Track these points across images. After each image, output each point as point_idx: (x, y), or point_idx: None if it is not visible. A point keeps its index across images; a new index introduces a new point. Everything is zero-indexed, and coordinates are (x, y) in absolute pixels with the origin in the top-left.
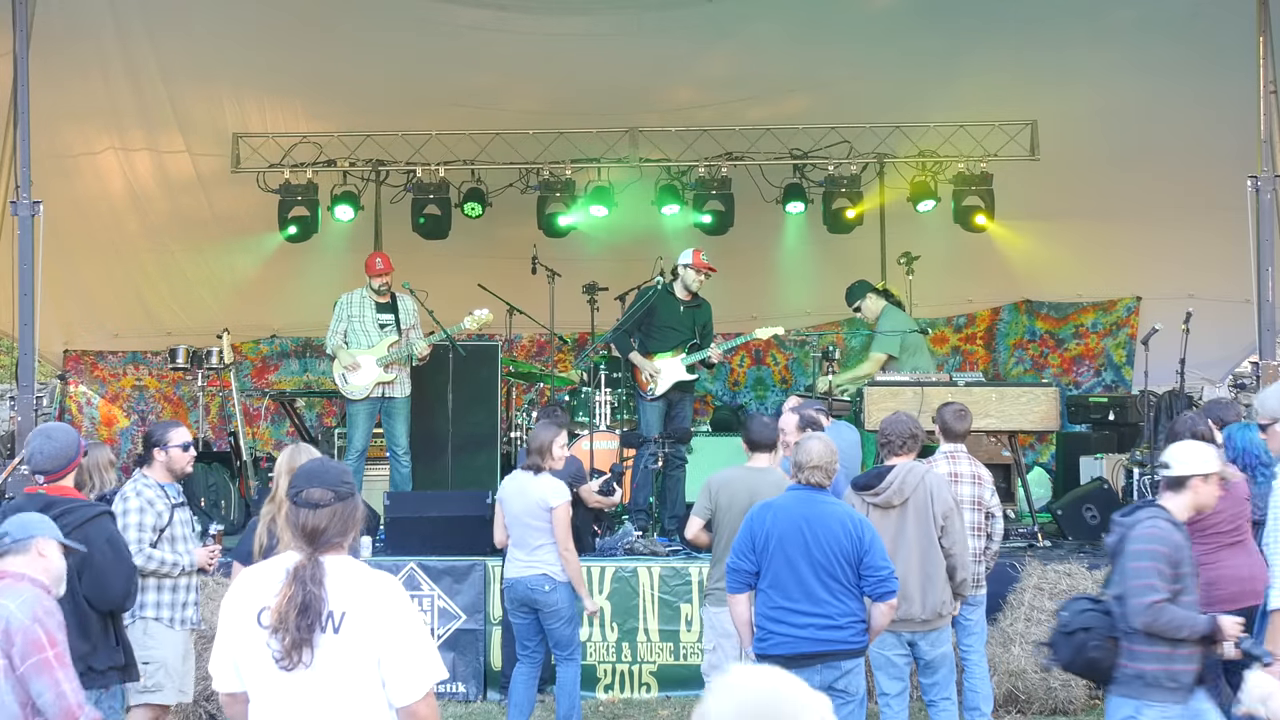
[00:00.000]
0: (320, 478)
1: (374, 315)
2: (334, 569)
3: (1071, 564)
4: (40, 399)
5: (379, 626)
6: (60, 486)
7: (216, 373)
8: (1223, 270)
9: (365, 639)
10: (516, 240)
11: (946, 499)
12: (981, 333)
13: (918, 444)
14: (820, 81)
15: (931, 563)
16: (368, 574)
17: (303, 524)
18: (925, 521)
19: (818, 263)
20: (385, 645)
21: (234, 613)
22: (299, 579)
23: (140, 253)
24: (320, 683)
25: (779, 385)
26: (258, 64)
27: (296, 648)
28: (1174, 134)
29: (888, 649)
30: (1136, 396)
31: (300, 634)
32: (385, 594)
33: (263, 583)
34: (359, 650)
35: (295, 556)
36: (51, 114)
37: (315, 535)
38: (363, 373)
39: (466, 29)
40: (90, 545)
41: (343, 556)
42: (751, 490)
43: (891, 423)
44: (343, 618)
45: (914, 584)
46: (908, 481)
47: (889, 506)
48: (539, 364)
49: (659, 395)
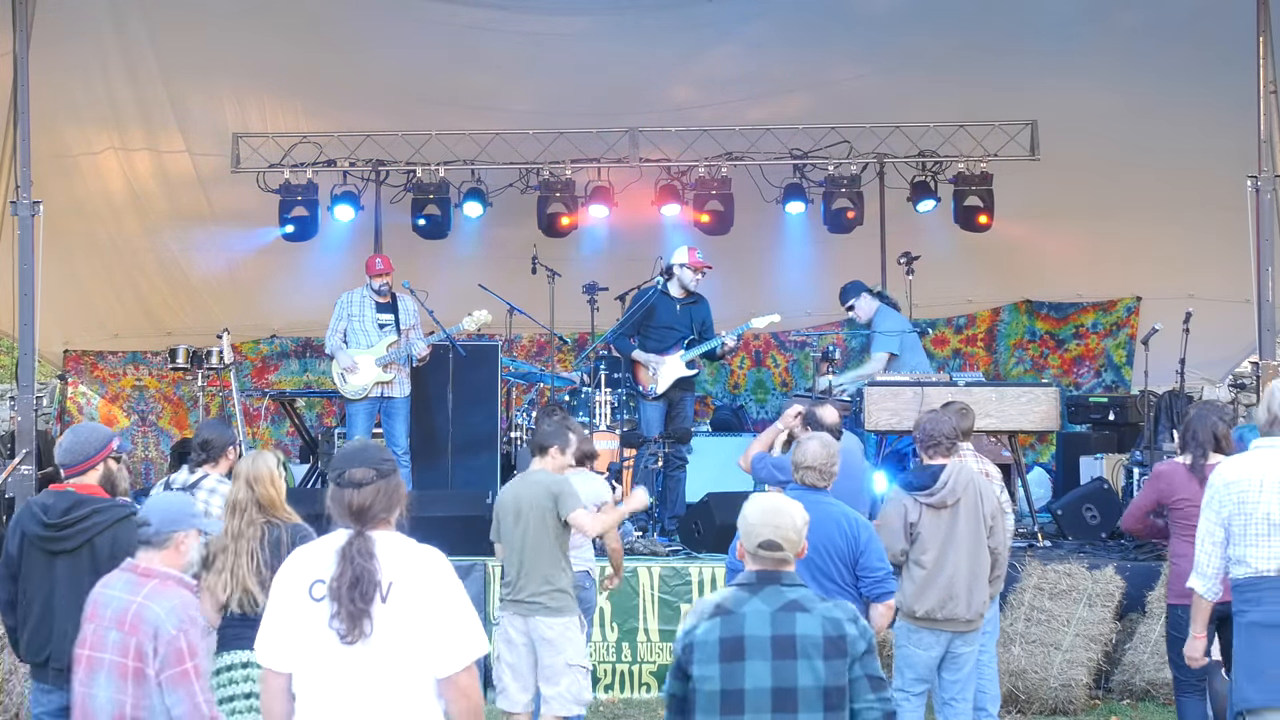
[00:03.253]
0: (361, 458)
1: (374, 315)
2: (383, 542)
3: (1071, 564)
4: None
5: (424, 597)
6: (86, 484)
7: (216, 373)
8: (1223, 270)
9: (411, 609)
10: (516, 240)
11: (994, 500)
12: (982, 334)
13: (959, 443)
14: (820, 81)
15: (980, 564)
16: (414, 547)
17: (348, 503)
18: (976, 522)
19: (818, 263)
20: (430, 615)
21: (285, 589)
22: (348, 555)
23: (140, 253)
24: (375, 652)
25: (779, 388)
26: (258, 64)
27: (356, 621)
28: (1174, 134)
29: (927, 648)
30: (1136, 396)
31: (358, 606)
32: (431, 566)
33: (314, 559)
34: (405, 620)
35: (344, 534)
36: (51, 114)
37: (362, 513)
38: (362, 373)
39: (466, 29)
40: (119, 546)
41: (390, 531)
42: (515, 496)
43: (934, 422)
44: (390, 587)
45: (962, 584)
46: (959, 481)
47: (942, 506)
48: (539, 364)
49: (660, 394)
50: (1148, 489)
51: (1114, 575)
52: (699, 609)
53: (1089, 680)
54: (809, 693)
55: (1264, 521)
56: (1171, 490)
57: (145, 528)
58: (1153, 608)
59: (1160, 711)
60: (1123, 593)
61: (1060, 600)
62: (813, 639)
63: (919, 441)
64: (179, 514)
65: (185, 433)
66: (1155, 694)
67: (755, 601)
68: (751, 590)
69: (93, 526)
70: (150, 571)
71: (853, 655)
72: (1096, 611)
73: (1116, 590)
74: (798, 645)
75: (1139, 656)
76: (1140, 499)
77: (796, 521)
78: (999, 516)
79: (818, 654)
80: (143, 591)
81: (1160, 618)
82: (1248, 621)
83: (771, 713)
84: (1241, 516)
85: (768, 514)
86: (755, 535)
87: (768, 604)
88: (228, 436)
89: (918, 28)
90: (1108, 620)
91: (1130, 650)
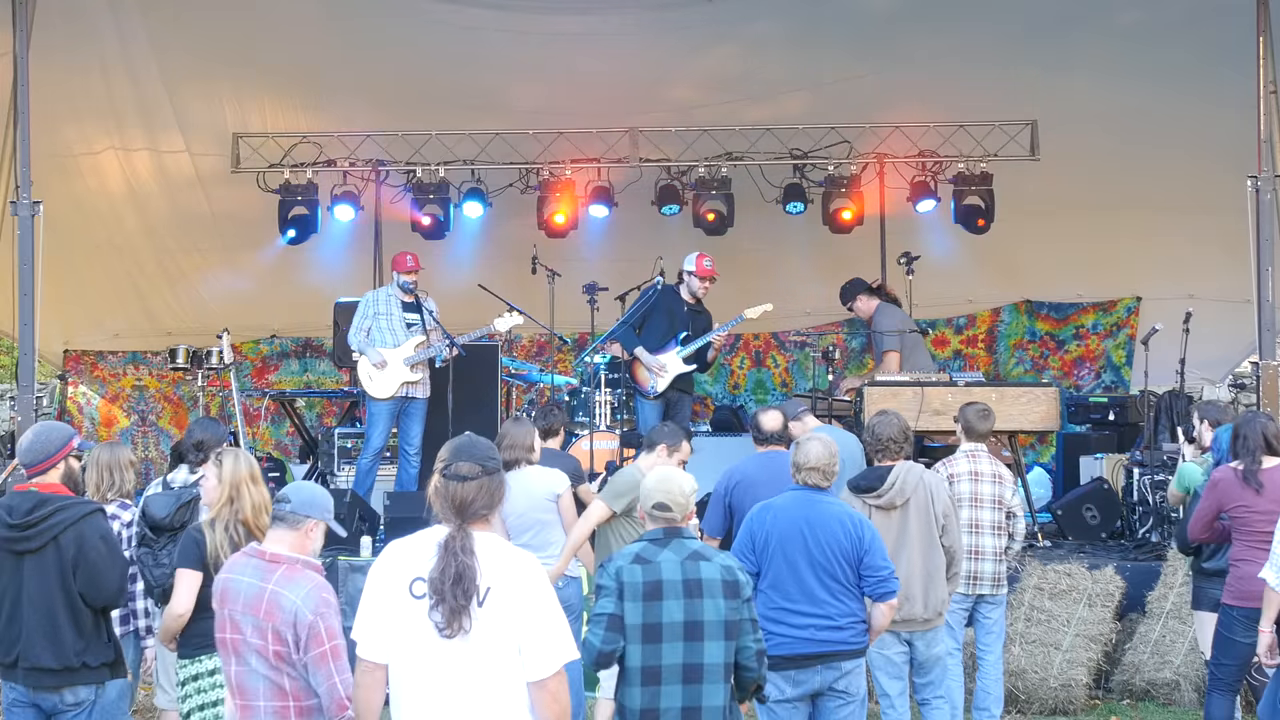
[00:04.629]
0: (469, 452)
1: (400, 314)
2: (481, 543)
3: (1071, 564)
4: (40, 399)
5: (520, 603)
6: (49, 484)
7: (216, 373)
8: (1223, 270)
9: (507, 615)
10: (516, 240)
11: (945, 499)
12: (983, 334)
13: (911, 444)
14: (820, 81)
15: (933, 562)
16: (511, 551)
17: (452, 496)
18: (927, 521)
19: (818, 263)
20: (524, 621)
21: (384, 582)
22: (451, 550)
23: (140, 252)
24: (472, 650)
25: (779, 388)
26: (258, 64)
27: (456, 615)
28: (1174, 134)
29: (887, 648)
30: (1136, 397)
31: (459, 601)
32: (526, 572)
33: (413, 554)
34: (500, 625)
35: (444, 530)
36: (51, 114)
37: (464, 508)
38: (390, 372)
39: (466, 29)
40: (84, 543)
41: (489, 532)
42: None
43: (883, 424)
44: (487, 593)
45: (917, 584)
46: (908, 482)
47: (891, 508)
48: (539, 364)
49: (659, 393)
50: (1207, 497)
51: (1114, 575)
52: (621, 557)
53: (1089, 680)
54: (713, 625)
55: None
56: (1229, 497)
57: (284, 504)
58: (1152, 608)
59: (1160, 711)
60: (1123, 593)
61: (1060, 600)
62: (715, 582)
63: (867, 444)
64: (317, 502)
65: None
66: (1155, 694)
67: (666, 552)
68: (661, 544)
69: (57, 525)
70: (278, 557)
71: (743, 597)
72: (1096, 611)
73: (1116, 590)
74: (704, 587)
75: (1139, 656)
76: (1202, 508)
77: (685, 489)
78: (951, 516)
79: (719, 594)
80: (273, 578)
81: (1160, 618)
82: None
83: (684, 641)
84: None
85: (661, 482)
86: (650, 499)
87: (676, 554)
88: (220, 434)
89: (918, 28)
90: (1108, 620)
91: (1130, 650)
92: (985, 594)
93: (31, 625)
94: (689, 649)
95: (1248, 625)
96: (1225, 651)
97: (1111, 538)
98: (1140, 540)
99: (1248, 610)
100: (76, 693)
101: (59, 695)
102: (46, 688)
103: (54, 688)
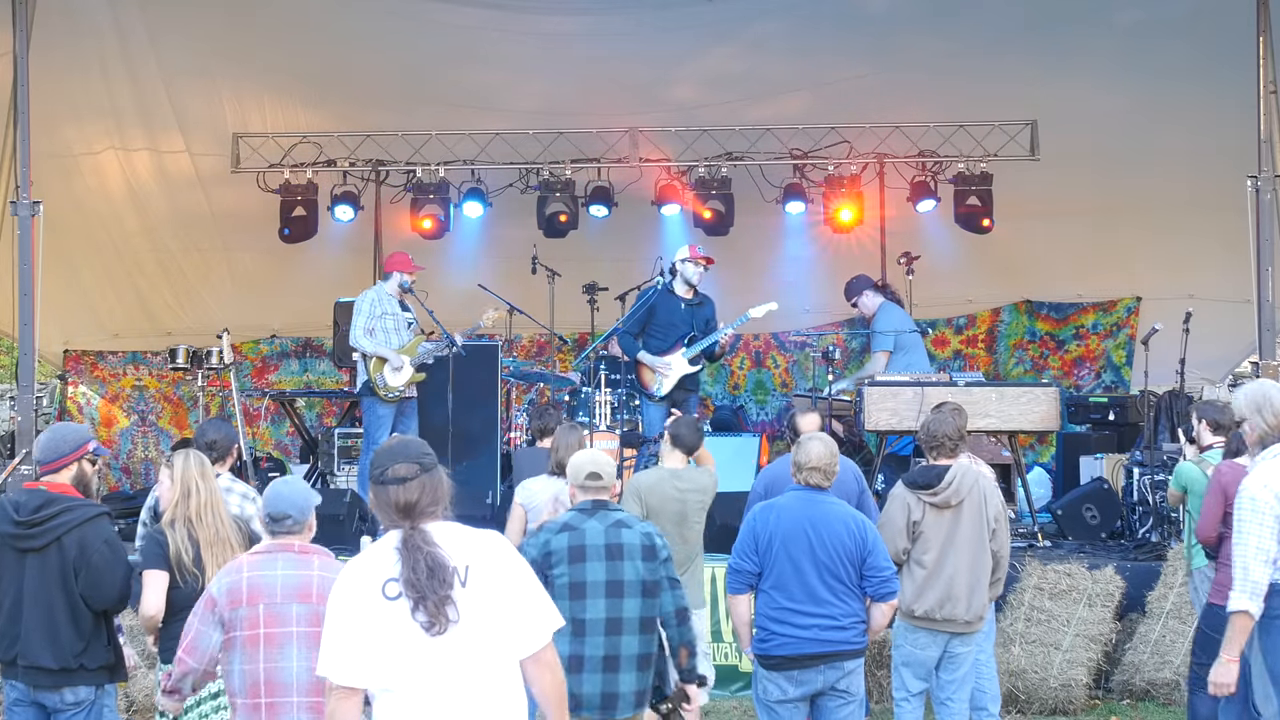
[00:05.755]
0: (403, 454)
1: (401, 314)
2: (440, 531)
3: (1071, 564)
4: (40, 399)
5: (501, 576)
6: (59, 484)
7: (216, 373)
8: (1223, 270)
9: (490, 590)
10: (516, 240)
11: (999, 503)
12: (983, 334)
13: (965, 443)
14: (820, 81)
15: (981, 566)
16: (473, 531)
17: (394, 500)
18: (979, 524)
19: (818, 262)
20: (509, 594)
21: (351, 598)
22: (413, 546)
23: (140, 253)
24: (463, 639)
25: (779, 389)
26: (258, 64)
27: (440, 609)
28: (1174, 134)
29: (923, 648)
30: (1136, 397)
31: (439, 593)
32: (498, 547)
33: (373, 563)
34: (486, 601)
35: (397, 533)
36: (51, 114)
37: (409, 509)
38: (404, 372)
39: (466, 29)
40: (87, 545)
41: (442, 522)
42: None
43: (939, 422)
44: (467, 570)
45: (963, 585)
46: (964, 482)
47: (946, 506)
48: (539, 363)
49: (665, 395)
50: (1212, 492)
51: (1114, 575)
52: (550, 527)
53: (1089, 680)
54: (632, 584)
55: None
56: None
57: (286, 519)
58: (1152, 608)
59: (1160, 711)
60: (1123, 593)
61: (1060, 600)
62: (634, 546)
63: (923, 442)
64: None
65: (185, 433)
66: (1155, 694)
67: (592, 521)
68: (588, 514)
69: (61, 525)
70: (307, 548)
71: (660, 559)
72: (1096, 611)
73: (1116, 590)
74: (624, 551)
75: (1139, 656)
76: (1208, 505)
77: (611, 463)
78: (1003, 519)
79: (638, 556)
80: (315, 565)
81: (1160, 618)
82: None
83: (605, 598)
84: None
85: (589, 454)
86: (582, 470)
87: (601, 523)
88: (232, 435)
89: (918, 28)
90: (1108, 620)
91: (1130, 650)
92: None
93: (31, 624)
94: (610, 604)
95: None
96: (1208, 650)
97: (1111, 538)
98: (1140, 540)
99: None
100: (77, 692)
101: (59, 694)
102: (45, 687)
103: (52, 687)
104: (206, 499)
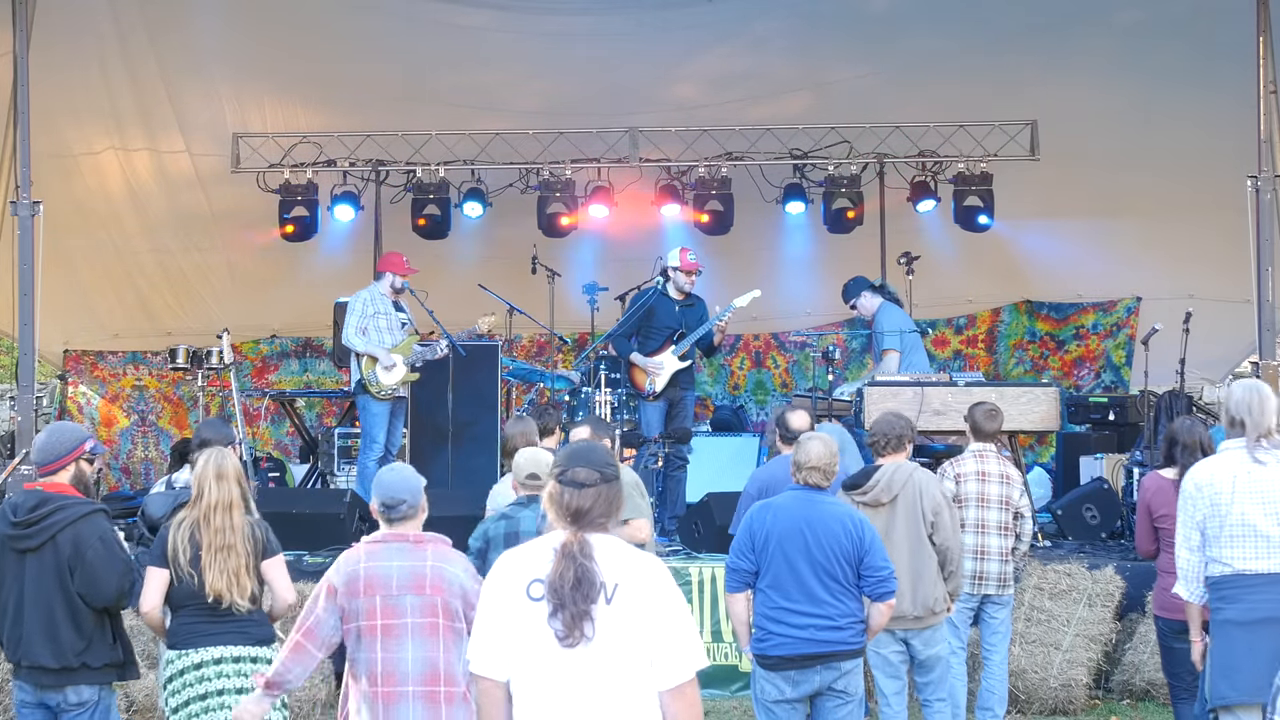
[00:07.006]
0: (587, 458)
1: (394, 314)
2: (601, 545)
3: (1071, 564)
4: (40, 399)
5: (649, 602)
6: (57, 484)
7: (216, 373)
8: (1223, 270)
9: (637, 612)
10: (516, 240)
11: (936, 496)
12: (983, 335)
13: (906, 444)
14: (820, 81)
15: (920, 559)
16: (635, 552)
17: (568, 504)
18: (914, 519)
19: (818, 263)
20: (655, 622)
21: (500, 591)
22: (568, 554)
23: (140, 253)
24: (597, 657)
25: (779, 389)
26: (258, 64)
27: (577, 622)
28: (1174, 134)
29: (883, 647)
30: (1136, 396)
31: (579, 606)
32: (655, 572)
33: (528, 559)
34: (631, 623)
35: (561, 535)
36: (51, 114)
37: (580, 515)
38: (396, 371)
39: (466, 29)
40: (81, 543)
41: (608, 535)
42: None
43: (879, 423)
44: (615, 589)
45: (904, 580)
46: (895, 480)
47: (877, 505)
48: (539, 363)
49: (658, 394)
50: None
51: (1114, 575)
52: (491, 518)
53: (1089, 680)
54: None
55: (1239, 522)
56: (1157, 504)
57: (401, 505)
58: (1152, 608)
59: (1160, 711)
60: (1123, 593)
61: (1060, 600)
62: None
63: (869, 441)
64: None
65: (185, 433)
66: (1155, 694)
67: (527, 512)
68: (524, 506)
69: (55, 524)
70: (421, 538)
71: None
72: (1096, 611)
73: (1116, 590)
74: None
75: (1139, 656)
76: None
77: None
78: (942, 512)
79: None
80: (429, 556)
81: None
82: (1222, 619)
83: None
84: (1216, 518)
85: (530, 455)
86: (523, 471)
87: (534, 512)
88: (228, 435)
89: (918, 28)
90: (1108, 620)
91: (1130, 650)
92: (991, 594)
93: (32, 624)
94: None
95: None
96: (1173, 661)
97: (1111, 538)
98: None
99: (1174, 622)
100: (80, 692)
101: (61, 694)
102: (47, 687)
103: (54, 687)
104: (217, 501)
